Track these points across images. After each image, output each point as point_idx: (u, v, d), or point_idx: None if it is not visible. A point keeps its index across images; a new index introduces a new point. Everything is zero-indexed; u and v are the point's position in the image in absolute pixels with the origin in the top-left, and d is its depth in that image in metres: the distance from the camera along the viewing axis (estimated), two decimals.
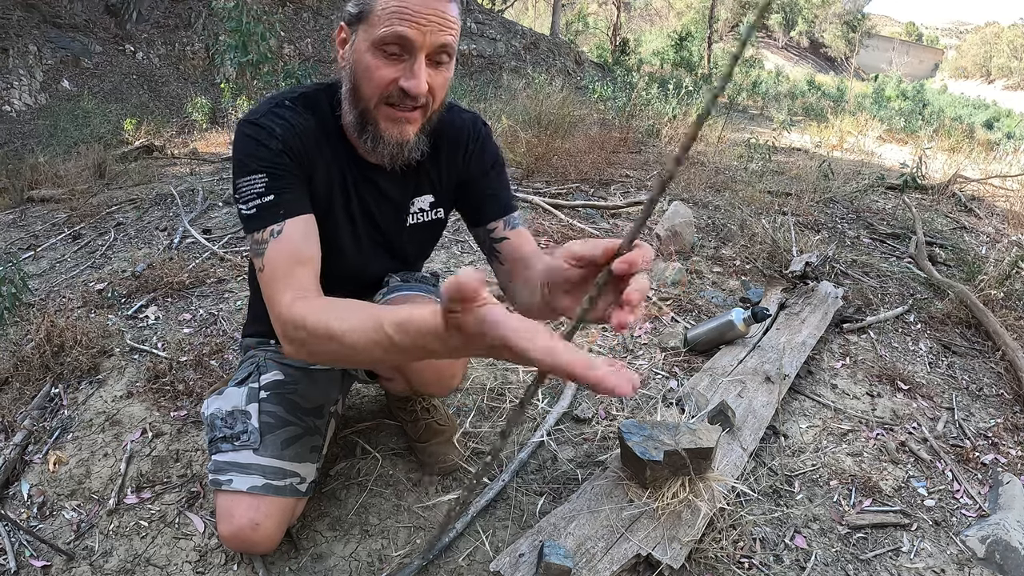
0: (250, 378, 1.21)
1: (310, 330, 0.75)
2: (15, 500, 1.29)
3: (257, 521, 1.07)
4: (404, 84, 0.91)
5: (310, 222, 0.95)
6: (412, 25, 0.88)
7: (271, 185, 0.92)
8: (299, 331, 0.78)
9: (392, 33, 0.88)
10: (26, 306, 2.05)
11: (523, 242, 1.07)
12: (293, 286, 0.85)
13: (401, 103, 0.94)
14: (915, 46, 43.28)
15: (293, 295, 0.83)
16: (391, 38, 0.89)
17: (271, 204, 0.91)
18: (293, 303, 0.81)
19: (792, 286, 2.56)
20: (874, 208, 4.22)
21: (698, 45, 18.35)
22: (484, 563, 1.17)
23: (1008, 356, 2.15)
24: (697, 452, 1.22)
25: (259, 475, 1.09)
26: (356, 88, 0.95)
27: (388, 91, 0.93)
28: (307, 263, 0.90)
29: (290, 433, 1.16)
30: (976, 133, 10.33)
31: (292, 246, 0.90)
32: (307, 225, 0.94)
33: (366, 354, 0.68)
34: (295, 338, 0.79)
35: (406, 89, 0.91)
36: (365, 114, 0.96)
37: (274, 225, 0.91)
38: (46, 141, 5.61)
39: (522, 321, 0.48)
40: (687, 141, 0.42)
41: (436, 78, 0.94)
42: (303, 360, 0.83)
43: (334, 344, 0.71)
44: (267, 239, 0.90)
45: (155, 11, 9.09)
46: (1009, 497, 1.47)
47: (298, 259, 0.89)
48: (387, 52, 0.91)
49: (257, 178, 0.92)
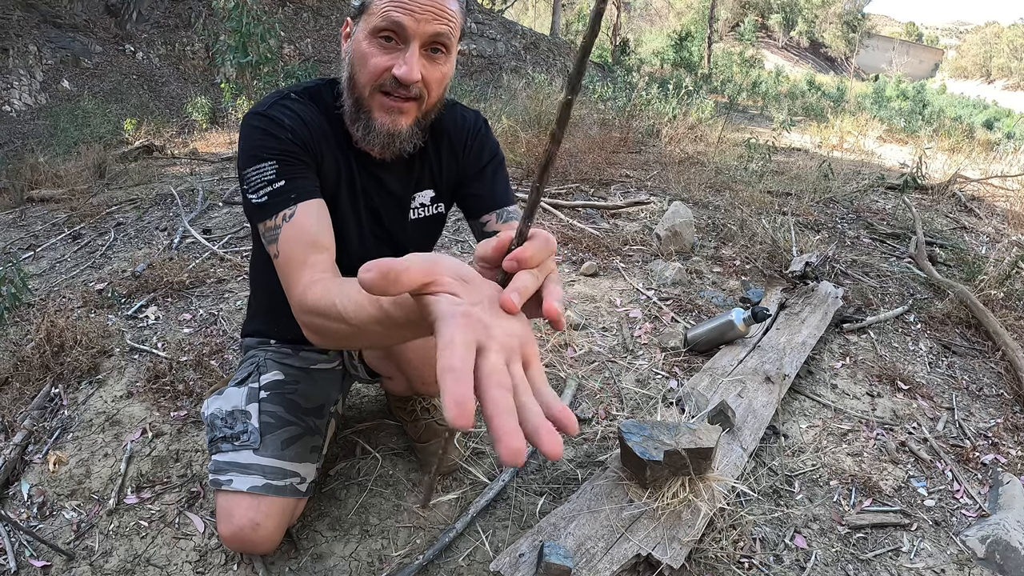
0: (250, 378, 1.21)
1: (320, 312, 0.74)
2: (15, 500, 1.29)
3: (257, 521, 1.07)
4: (396, 72, 0.91)
5: (323, 206, 0.94)
6: (407, 13, 0.89)
7: (281, 171, 0.92)
8: (310, 315, 0.77)
9: (387, 20, 0.90)
10: (26, 306, 2.05)
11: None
12: (309, 270, 0.84)
13: (395, 91, 0.94)
14: (915, 46, 43.28)
15: (308, 280, 0.82)
16: (386, 25, 0.90)
17: (282, 190, 0.91)
18: (307, 289, 0.80)
19: (792, 286, 2.55)
20: (874, 208, 4.22)
21: (698, 45, 18.37)
22: (484, 563, 1.17)
23: (1008, 356, 2.15)
24: (697, 452, 1.22)
25: (259, 475, 1.09)
26: (352, 76, 0.97)
27: (382, 78, 0.93)
28: (322, 246, 0.89)
29: (290, 433, 1.16)
30: (976, 133, 10.32)
31: (306, 229, 0.89)
32: (320, 209, 0.93)
33: (369, 333, 0.66)
34: (307, 323, 0.78)
35: (398, 77, 0.92)
36: (360, 101, 0.97)
37: (286, 210, 0.90)
38: (46, 141, 5.61)
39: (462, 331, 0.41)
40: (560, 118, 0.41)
41: (432, 71, 0.95)
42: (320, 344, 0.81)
43: (342, 324, 0.69)
44: (280, 224, 0.89)
45: (155, 11, 9.09)
46: (1009, 497, 1.47)
47: (313, 243, 0.88)
48: (382, 40, 0.92)
49: (267, 166, 0.91)
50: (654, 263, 2.71)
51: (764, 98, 12.38)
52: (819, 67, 31.91)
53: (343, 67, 1.00)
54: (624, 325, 2.18)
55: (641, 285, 2.50)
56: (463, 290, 0.46)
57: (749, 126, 8.31)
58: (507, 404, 0.38)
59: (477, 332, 0.41)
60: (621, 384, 1.82)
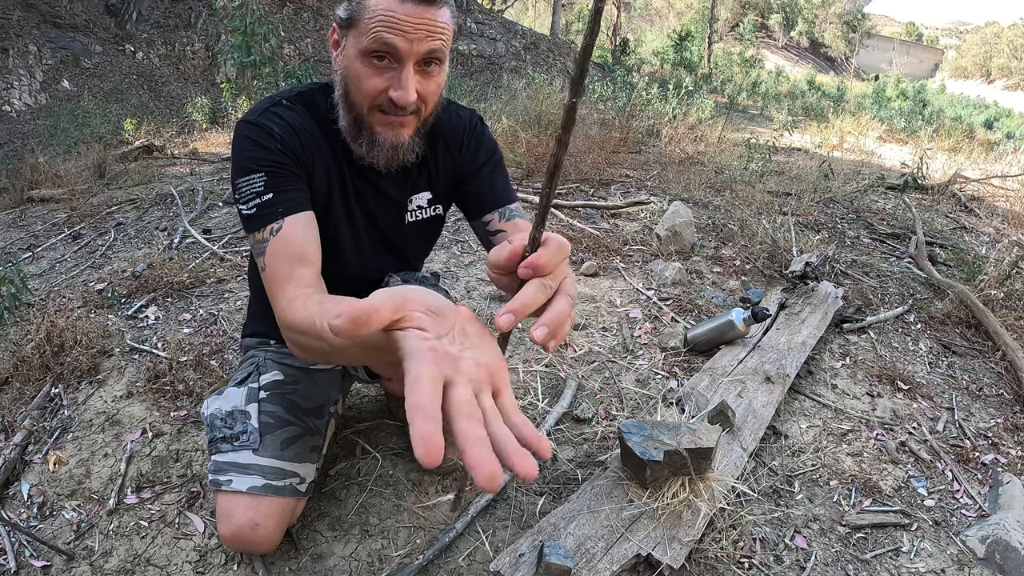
0: (250, 378, 1.21)
1: (301, 329, 0.75)
2: (15, 500, 1.29)
3: (257, 521, 1.07)
4: (393, 95, 0.91)
5: (311, 219, 0.95)
6: (399, 34, 0.88)
7: (270, 184, 0.92)
8: (291, 331, 0.78)
9: (379, 42, 0.88)
10: (26, 306, 2.04)
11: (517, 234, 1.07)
12: (293, 285, 0.85)
13: (392, 111, 0.94)
14: (915, 46, 43.26)
15: (292, 293, 0.83)
16: (378, 47, 0.89)
17: (270, 202, 0.92)
18: (290, 303, 0.81)
19: (792, 286, 2.55)
20: (874, 208, 4.22)
21: (698, 45, 18.37)
22: (484, 563, 1.17)
23: (1008, 356, 2.15)
24: (697, 452, 1.22)
25: (259, 475, 1.09)
26: (347, 95, 0.96)
27: (378, 100, 0.93)
28: (308, 260, 0.90)
29: (290, 433, 1.15)
30: (976, 133, 10.32)
31: (292, 243, 0.90)
32: (307, 222, 0.94)
33: (349, 354, 0.67)
34: (290, 338, 0.80)
35: (395, 100, 0.91)
36: (359, 119, 0.97)
37: (273, 223, 0.91)
38: (46, 141, 5.61)
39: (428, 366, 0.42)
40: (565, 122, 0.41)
41: (427, 85, 0.94)
42: (304, 359, 0.83)
43: (322, 343, 0.70)
44: (267, 238, 0.90)
45: (155, 11, 9.09)
46: (1009, 497, 1.47)
47: (299, 256, 0.89)
48: (375, 61, 0.91)
49: (256, 177, 0.92)
50: (654, 263, 2.71)
51: (764, 98, 12.38)
52: (819, 67, 31.91)
53: (336, 81, 0.99)
54: (624, 325, 2.18)
55: (641, 285, 2.50)
56: (431, 323, 0.47)
57: (749, 126, 8.31)
58: (477, 435, 0.40)
59: (443, 367, 0.43)
60: (621, 384, 1.82)
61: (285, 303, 0.82)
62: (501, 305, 0.49)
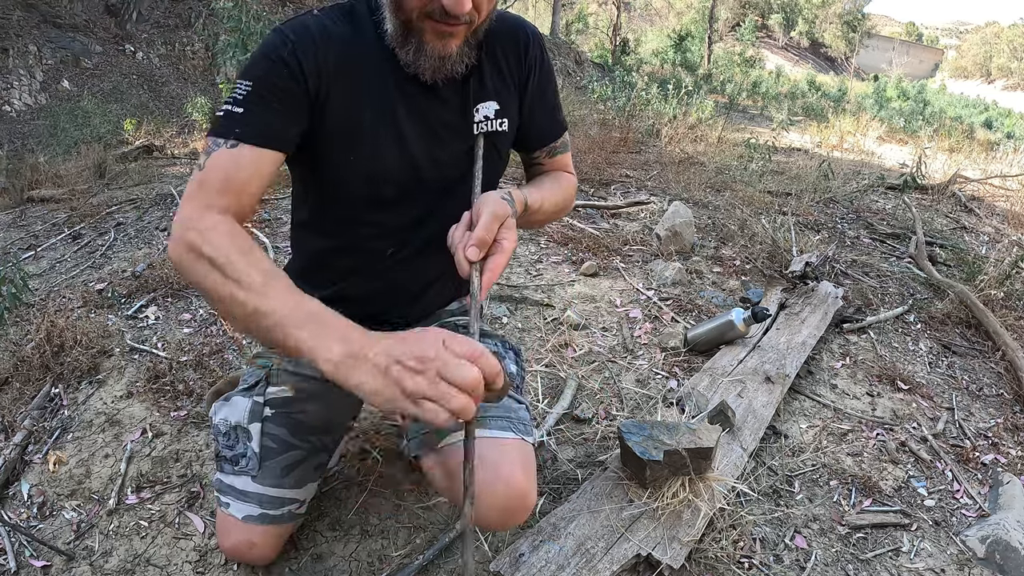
0: (257, 387, 1.12)
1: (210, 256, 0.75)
2: (15, 500, 1.29)
3: (253, 541, 1.06)
4: (446, 3, 0.83)
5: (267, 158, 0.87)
6: None
7: (249, 98, 0.86)
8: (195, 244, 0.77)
9: None
10: (26, 306, 2.04)
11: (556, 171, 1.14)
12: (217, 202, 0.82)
13: (443, 19, 0.86)
14: (915, 46, 43.28)
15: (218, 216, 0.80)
16: None
17: (238, 117, 0.85)
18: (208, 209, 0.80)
19: (792, 286, 2.55)
20: (874, 208, 4.22)
21: (698, 45, 18.38)
22: (484, 563, 1.17)
23: (1008, 356, 2.15)
24: (697, 452, 1.22)
25: (255, 504, 1.06)
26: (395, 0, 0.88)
27: (429, 7, 0.86)
28: (241, 194, 0.84)
29: (293, 459, 1.09)
30: (976, 133, 10.33)
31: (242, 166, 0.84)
32: (261, 158, 0.86)
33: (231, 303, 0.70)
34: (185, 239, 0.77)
35: (447, 8, 0.84)
36: (408, 25, 0.89)
37: (232, 139, 0.85)
38: (46, 141, 5.61)
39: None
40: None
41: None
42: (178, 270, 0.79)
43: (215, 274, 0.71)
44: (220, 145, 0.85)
45: (155, 11, 9.09)
46: (1009, 497, 1.47)
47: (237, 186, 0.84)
48: None
49: (244, 84, 0.86)
50: (654, 263, 2.71)
51: (764, 98, 12.39)
52: (819, 67, 31.92)
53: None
54: (624, 325, 2.18)
55: (641, 285, 2.50)
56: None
57: (749, 126, 8.31)
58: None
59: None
60: (621, 384, 1.82)
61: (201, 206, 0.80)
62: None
